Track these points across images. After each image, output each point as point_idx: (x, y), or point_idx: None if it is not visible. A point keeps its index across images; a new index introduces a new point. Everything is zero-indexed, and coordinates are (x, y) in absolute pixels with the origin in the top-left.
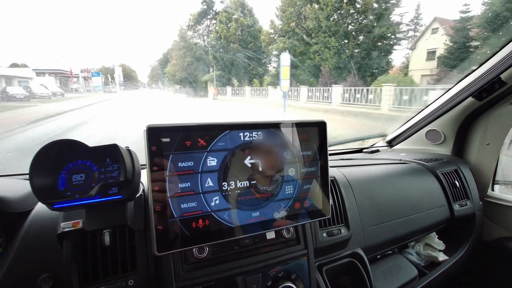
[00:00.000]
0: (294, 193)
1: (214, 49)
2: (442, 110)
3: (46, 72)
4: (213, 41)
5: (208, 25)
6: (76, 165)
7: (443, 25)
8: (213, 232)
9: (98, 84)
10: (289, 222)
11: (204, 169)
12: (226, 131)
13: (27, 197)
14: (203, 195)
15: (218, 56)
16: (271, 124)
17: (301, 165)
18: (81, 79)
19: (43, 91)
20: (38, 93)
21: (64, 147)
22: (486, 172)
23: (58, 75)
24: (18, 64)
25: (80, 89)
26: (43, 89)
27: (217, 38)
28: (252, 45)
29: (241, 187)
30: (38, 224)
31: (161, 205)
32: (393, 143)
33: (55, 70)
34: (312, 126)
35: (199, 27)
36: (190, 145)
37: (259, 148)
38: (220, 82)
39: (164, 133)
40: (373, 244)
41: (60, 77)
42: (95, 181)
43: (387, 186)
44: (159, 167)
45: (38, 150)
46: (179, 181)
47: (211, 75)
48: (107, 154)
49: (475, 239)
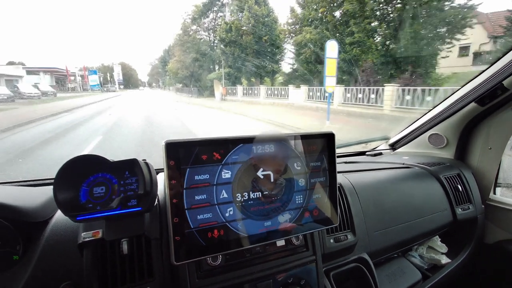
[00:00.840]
0: (304, 203)
1: (224, 42)
2: (445, 115)
3: (41, 70)
4: (223, 34)
5: (214, 18)
6: (96, 178)
7: (481, 19)
8: (228, 242)
9: (96, 82)
10: (298, 231)
11: (219, 182)
12: (240, 144)
13: (45, 207)
14: (218, 206)
15: (228, 50)
16: (282, 137)
17: (311, 175)
18: (78, 77)
19: (32, 91)
20: (26, 93)
21: (85, 161)
22: (488, 176)
23: (54, 74)
24: (15, 63)
25: (78, 88)
26: (33, 89)
27: (227, 30)
28: (267, 37)
29: (253, 198)
30: (58, 234)
31: (179, 217)
32: (396, 146)
33: (50, 68)
34: (321, 138)
35: (204, 20)
36: (206, 159)
37: (271, 160)
38: (229, 81)
39: (181, 148)
40: (378, 248)
41: (56, 76)
42: (115, 193)
43: (392, 191)
44: (177, 180)
45: (62, 165)
46: (196, 194)
47: (219, 72)
48: (126, 167)
49: (476, 242)
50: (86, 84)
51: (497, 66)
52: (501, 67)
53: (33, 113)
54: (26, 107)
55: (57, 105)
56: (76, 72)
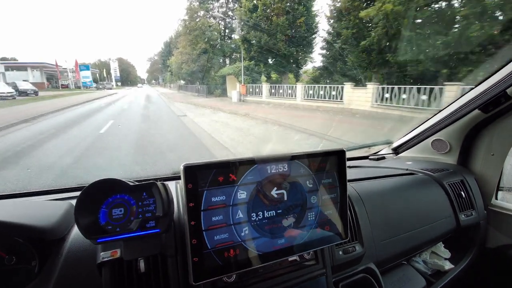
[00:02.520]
0: (316, 219)
1: (246, 26)
2: (448, 121)
3: (28, 66)
4: (245, 14)
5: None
6: (115, 199)
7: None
8: (243, 260)
9: (88, 79)
10: (311, 247)
11: (235, 202)
12: (255, 165)
13: (61, 224)
14: (234, 226)
15: (252, 37)
16: (295, 156)
17: (322, 192)
18: (70, 73)
19: (4, 90)
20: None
21: (105, 184)
22: (491, 182)
23: (44, 70)
24: (8, 58)
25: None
26: (5, 88)
27: (250, 9)
28: (303, 19)
29: (268, 216)
30: (76, 252)
31: (197, 238)
32: (399, 150)
33: (38, 63)
34: (332, 155)
35: (214, 4)
36: (222, 181)
37: (284, 179)
38: (248, 77)
39: (199, 171)
40: (384, 258)
41: (46, 72)
42: (133, 214)
43: (397, 199)
44: (195, 203)
45: (83, 190)
46: (212, 215)
47: (235, 66)
48: (143, 188)
49: (479, 247)
50: (79, 81)
51: (501, 74)
52: (505, 76)
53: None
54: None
55: (22, 110)
56: (68, 68)
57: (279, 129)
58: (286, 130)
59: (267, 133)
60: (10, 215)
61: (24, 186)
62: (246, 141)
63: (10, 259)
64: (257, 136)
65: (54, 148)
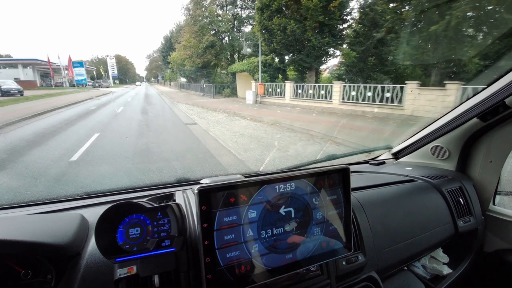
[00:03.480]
0: (322, 234)
1: (266, 11)
2: (447, 128)
3: (19, 63)
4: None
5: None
6: (131, 219)
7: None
8: (253, 276)
9: (82, 77)
10: (317, 261)
11: (246, 221)
12: (264, 185)
13: (75, 239)
14: (245, 244)
15: (274, 25)
16: (302, 175)
17: (328, 208)
18: (63, 70)
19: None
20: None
21: (122, 206)
22: (488, 188)
23: (37, 67)
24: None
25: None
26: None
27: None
28: (338, 2)
29: (276, 233)
30: (94, 268)
31: (210, 257)
32: (399, 155)
33: (29, 60)
34: (337, 173)
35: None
36: (234, 201)
37: (292, 197)
38: (267, 74)
39: (212, 193)
40: (385, 265)
41: (39, 69)
42: (149, 234)
43: (398, 207)
44: (208, 223)
45: (102, 213)
46: (225, 234)
47: (250, 62)
48: (158, 209)
49: (476, 252)
50: (74, 78)
51: (500, 83)
52: (504, 86)
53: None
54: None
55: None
56: (61, 65)
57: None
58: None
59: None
60: (26, 233)
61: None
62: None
63: (26, 274)
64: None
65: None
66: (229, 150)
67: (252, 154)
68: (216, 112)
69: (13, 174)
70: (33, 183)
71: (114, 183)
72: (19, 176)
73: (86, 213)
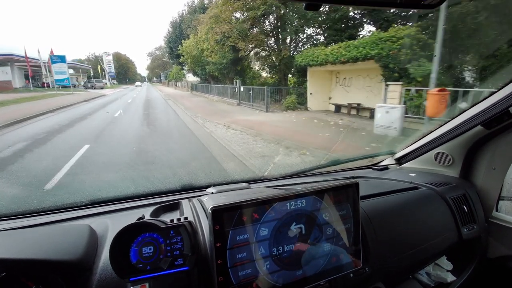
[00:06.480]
0: (331, 249)
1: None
2: (451, 135)
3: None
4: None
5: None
6: (144, 238)
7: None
8: None
9: (64, 75)
10: (326, 276)
11: (257, 239)
12: (276, 203)
13: (86, 254)
14: (257, 261)
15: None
16: (312, 192)
17: (337, 224)
18: (43, 68)
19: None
20: None
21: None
22: (492, 195)
23: (16, 65)
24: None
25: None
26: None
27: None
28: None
29: (287, 250)
30: (106, 285)
31: (223, 276)
32: (402, 161)
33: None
34: (346, 188)
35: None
36: (246, 220)
37: (302, 214)
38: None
39: (225, 212)
40: (391, 275)
41: (18, 66)
42: (162, 252)
43: (403, 216)
44: (221, 243)
45: (116, 234)
46: (237, 253)
47: (372, 40)
48: (171, 227)
49: (480, 259)
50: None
51: (505, 91)
52: (508, 94)
53: None
54: None
55: None
56: (41, 61)
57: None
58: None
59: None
60: (38, 250)
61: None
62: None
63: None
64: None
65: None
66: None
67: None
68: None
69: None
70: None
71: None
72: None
73: (93, 223)
